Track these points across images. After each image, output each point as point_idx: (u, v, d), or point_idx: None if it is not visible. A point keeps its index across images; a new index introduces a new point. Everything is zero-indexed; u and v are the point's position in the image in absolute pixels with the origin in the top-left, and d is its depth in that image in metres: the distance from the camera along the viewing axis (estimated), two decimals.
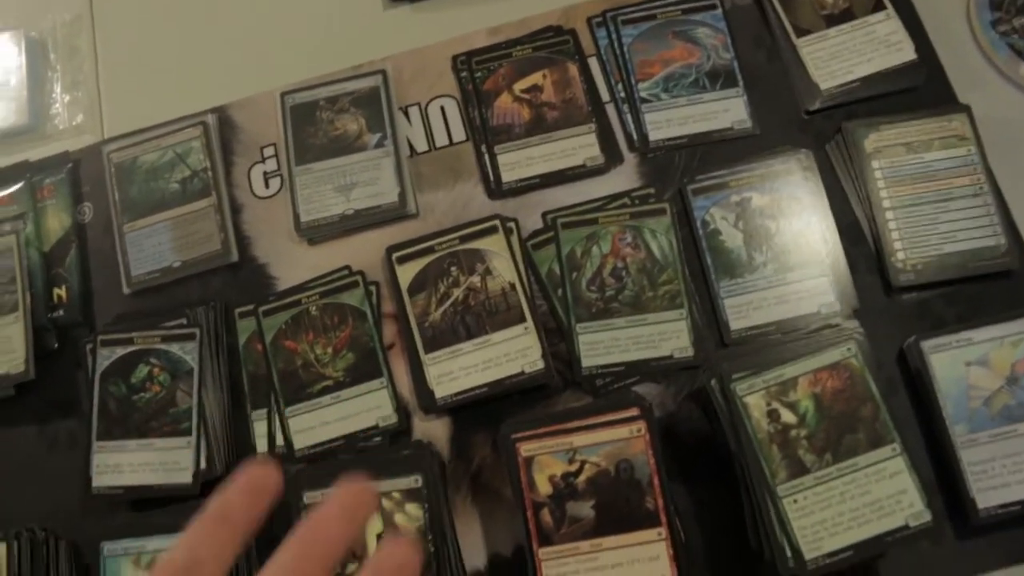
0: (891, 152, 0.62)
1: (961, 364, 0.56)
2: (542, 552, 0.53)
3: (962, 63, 0.65)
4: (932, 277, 0.60)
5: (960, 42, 0.66)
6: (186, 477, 0.61)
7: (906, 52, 0.64)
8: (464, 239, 0.63)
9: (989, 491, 0.54)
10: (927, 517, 0.51)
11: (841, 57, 0.65)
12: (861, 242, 0.62)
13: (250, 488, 0.28)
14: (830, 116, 0.65)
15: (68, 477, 0.63)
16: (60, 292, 0.67)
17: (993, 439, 0.55)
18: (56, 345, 0.67)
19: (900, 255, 0.60)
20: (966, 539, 0.55)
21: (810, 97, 0.65)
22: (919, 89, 0.64)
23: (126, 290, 0.67)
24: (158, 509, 0.61)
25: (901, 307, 0.60)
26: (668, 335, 0.60)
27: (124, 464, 0.61)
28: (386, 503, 0.55)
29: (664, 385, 0.60)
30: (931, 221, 0.61)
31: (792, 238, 0.62)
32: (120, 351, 0.64)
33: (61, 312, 0.67)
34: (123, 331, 0.64)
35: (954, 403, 0.56)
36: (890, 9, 0.65)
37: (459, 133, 0.68)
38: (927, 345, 0.57)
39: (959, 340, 0.57)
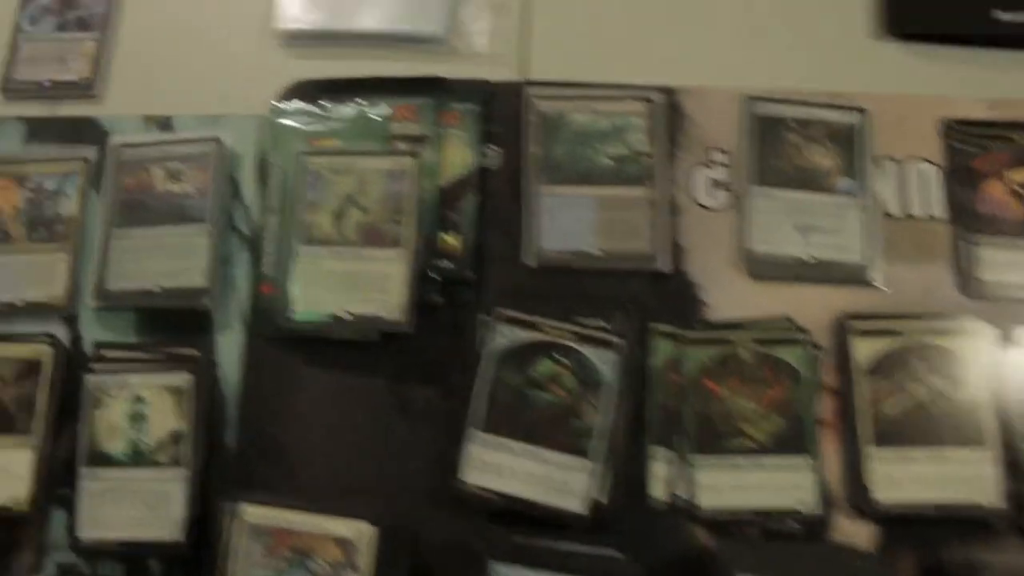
0: None
1: None
2: None
3: None
4: None
5: None
6: (576, 504, 0.52)
7: None
8: (935, 332, 0.56)
9: None
10: None
11: None
12: None
13: None
14: None
15: (416, 450, 0.54)
16: (452, 240, 0.57)
17: None
18: (440, 301, 0.57)
19: None
20: None
21: None
22: None
23: (530, 262, 0.57)
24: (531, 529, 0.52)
25: None
26: None
27: (505, 467, 0.52)
28: None
29: None
30: None
31: None
32: (522, 335, 0.54)
33: (449, 263, 0.57)
34: (528, 313, 0.55)
35: None
36: None
37: (936, 207, 0.60)
38: None
39: None
